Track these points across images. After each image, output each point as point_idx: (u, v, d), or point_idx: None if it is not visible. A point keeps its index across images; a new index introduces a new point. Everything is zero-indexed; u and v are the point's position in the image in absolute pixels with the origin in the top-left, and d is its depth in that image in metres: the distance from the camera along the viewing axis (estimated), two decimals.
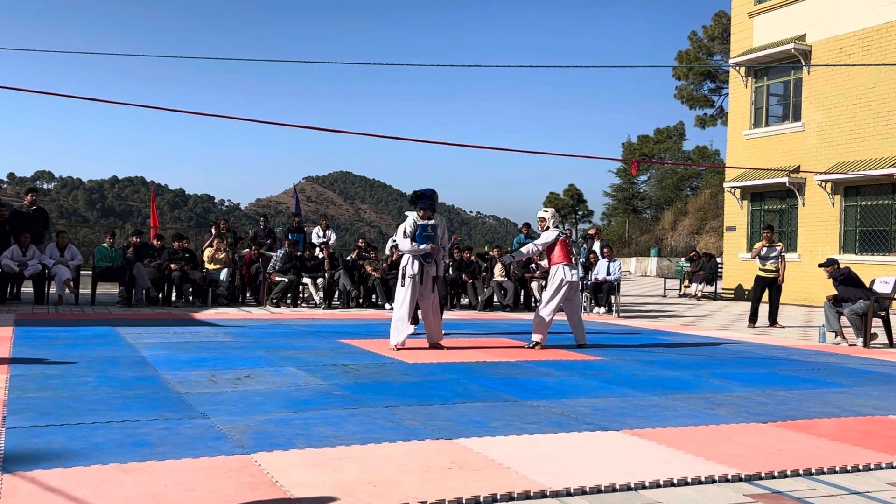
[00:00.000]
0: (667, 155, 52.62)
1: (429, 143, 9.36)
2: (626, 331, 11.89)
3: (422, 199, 8.69)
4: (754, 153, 21.48)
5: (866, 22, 18.90)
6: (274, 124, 8.10)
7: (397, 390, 6.05)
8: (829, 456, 4.38)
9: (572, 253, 9.22)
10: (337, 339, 9.36)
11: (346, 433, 4.55)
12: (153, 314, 12.20)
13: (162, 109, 8.80)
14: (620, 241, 47.68)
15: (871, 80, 18.72)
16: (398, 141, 13.38)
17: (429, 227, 8.66)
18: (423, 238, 8.60)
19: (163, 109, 8.87)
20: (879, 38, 18.62)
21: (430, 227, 8.68)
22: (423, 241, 8.59)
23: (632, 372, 7.44)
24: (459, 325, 10.91)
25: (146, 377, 6.33)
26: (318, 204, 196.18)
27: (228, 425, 4.65)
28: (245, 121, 9.45)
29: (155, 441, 4.24)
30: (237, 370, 6.80)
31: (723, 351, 9.52)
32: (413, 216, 8.68)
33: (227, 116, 9.16)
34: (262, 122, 10.59)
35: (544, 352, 8.75)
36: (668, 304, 19.31)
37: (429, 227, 8.66)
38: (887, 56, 18.23)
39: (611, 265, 15.49)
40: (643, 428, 4.94)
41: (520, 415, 5.24)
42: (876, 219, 18.93)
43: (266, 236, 16.59)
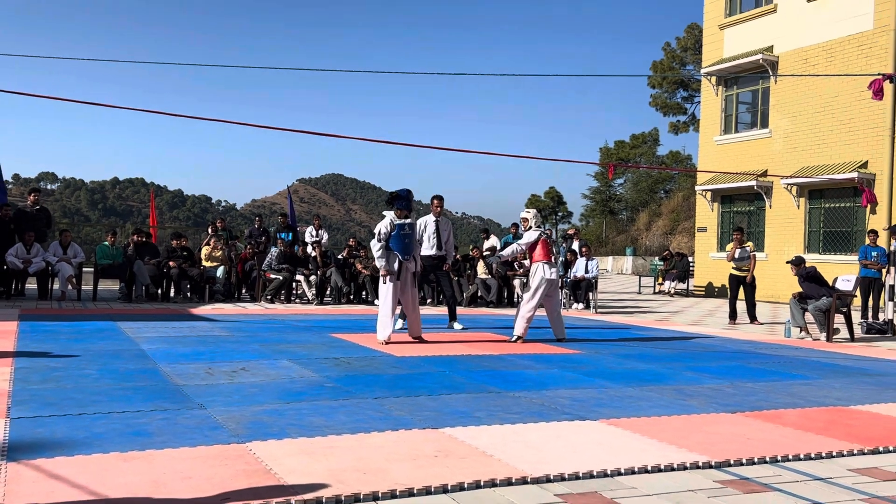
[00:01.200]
0: (642, 159, 52.82)
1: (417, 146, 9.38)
2: (604, 326, 11.93)
3: (398, 199, 8.71)
4: (724, 158, 21.59)
5: (830, 35, 19.04)
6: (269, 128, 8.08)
7: (386, 382, 6.04)
8: (794, 444, 4.41)
9: (552, 252, 9.24)
10: (329, 334, 9.34)
11: (337, 423, 4.54)
12: (152, 309, 12.13)
13: (161, 114, 8.75)
14: (598, 241, 47.82)
15: (834, 89, 18.86)
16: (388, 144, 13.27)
17: (405, 226, 8.67)
18: (401, 237, 8.60)
19: (162, 114, 8.82)
20: (842, 49, 18.76)
21: (407, 226, 8.69)
22: (400, 240, 8.57)
23: (608, 365, 7.46)
24: (445, 321, 10.90)
25: (146, 370, 6.29)
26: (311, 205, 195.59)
27: (225, 415, 4.63)
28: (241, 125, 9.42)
29: (154, 431, 4.22)
30: (233, 363, 6.77)
31: (694, 345, 9.56)
32: (390, 216, 8.68)
33: (225, 121, 9.12)
34: (258, 126, 10.56)
35: (526, 346, 8.77)
36: (643, 300, 19.38)
37: (405, 227, 8.66)
38: (849, 67, 18.38)
39: (589, 263, 15.54)
40: (619, 418, 4.96)
41: (503, 405, 5.24)
42: (838, 220, 19.08)
43: (260, 235, 16.54)
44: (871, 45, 18.12)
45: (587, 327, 11.52)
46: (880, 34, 17.92)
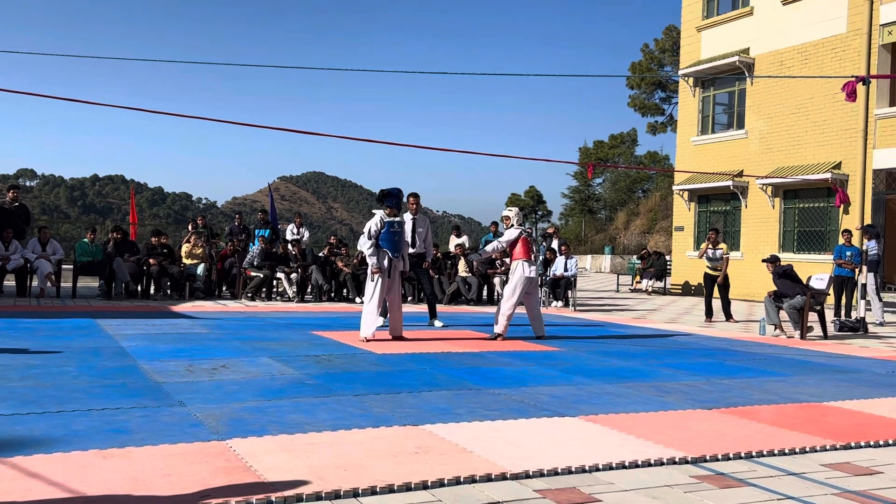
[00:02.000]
0: (620, 159, 53.09)
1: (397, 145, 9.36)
2: (582, 323, 11.98)
3: (388, 197, 8.73)
4: (701, 158, 21.76)
5: (805, 37, 19.24)
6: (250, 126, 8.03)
7: (367, 379, 6.03)
8: (768, 440, 4.45)
9: (532, 250, 9.27)
10: (309, 331, 9.31)
11: (317, 420, 4.53)
12: (132, 307, 12.02)
13: (141, 111, 8.66)
14: (577, 240, 48.01)
15: (808, 91, 19.06)
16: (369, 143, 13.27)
17: (395, 224, 8.68)
18: (391, 234, 8.61)
19: (142, 111, 8.74)
20: (817, 52, 18.96)
21: (397, 223, 8.71)
22: (390, 238, 8.60)
23: (587, 362, 7.50)
24: (425, 318, 10.90)
25: (125, 367, 6.23)
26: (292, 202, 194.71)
27: (205, 413, 4.61)
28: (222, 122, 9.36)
29: (134, 428, 4.18)
30: (213, 360, 6.73)
31: (671, 342, 9.63)
32: (380, 214, 8.69)
33: (205, 118, 9.05)
34: (239, 123, 10.47)
35: (505, 343, 8.78)
36: (621, 298, 19.49)
37: (395, 225, 8.68)
38: (824, 69, 18.58)
39: (568, 262, 15.60)
40: (597, 414, 4.98)
41: (482, 402, 5.25)
42: (812, 220, 19.29)
43: (241, 233, 16.44)
44: (844, 48, 18.33)
45: (566, 325, 11.56)
46: (853, 37, 18.14)
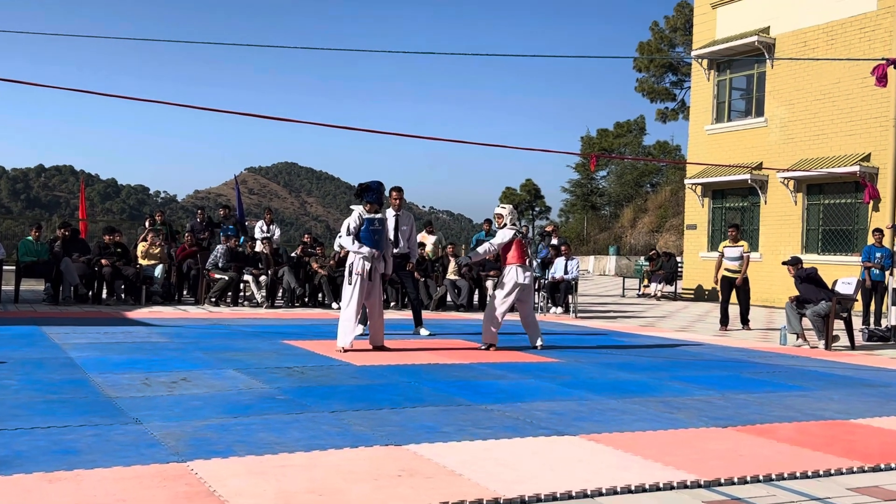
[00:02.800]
0: (626, 150, 53.26)
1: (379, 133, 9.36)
2: (584, 332, 12.01)
3: (368, 192, 8.69)
4: (716, 149, 21.86)
5: (831, 15, 19.35)
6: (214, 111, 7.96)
7: (344, 394, 6.03)
8: (789, 461, 4.47)
9: (527, 254, 9.27)
10: (280, 341, 9.29)
11: (289, 440, 4.52)
12: (82, 313, 11.96)
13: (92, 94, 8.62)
14: (578, 239, 48.12)
15: (835, 75, 19.18)
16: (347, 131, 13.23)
17: (375, 220, 8.66)
18: (371, 232, 8.58)
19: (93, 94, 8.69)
20: (844, 31, 19.08)
21: (378, 220, 8.68)
22: (370, 236, 8.58)
23: (589, 375, 7.51)
24: (410, 326, 10.91)
25: (74, 380, 6.20)
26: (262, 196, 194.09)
27: (163, 431, 4.59)
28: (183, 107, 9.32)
29: (83, 448, 4.16)
30: (173, 373, 6.71)
31: (682, 353, 9.66)
32: (359, 210, 8.67)
33: (164, 102, 9.04)
34: (202, 108, 10.45)
35: (499, 354, 8.79)
36: (627, 304, 19.54)
37: (375, 222, 8.65)
38: (851, 51, 18.69)
39: (568, 264, 15.64)
40: (600, 432, 4.99)
41: (473, 419, 5.26)
42: (838, 218, 19.42)
43: (203, 230, 16.39)
44: (874, 27, 18.46)
45: (566, 333, 11.58)
46: (884, 16, 18.27)
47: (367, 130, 10.70)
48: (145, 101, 8.26)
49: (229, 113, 8.35)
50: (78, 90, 8.72)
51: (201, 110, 12.68)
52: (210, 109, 9.43)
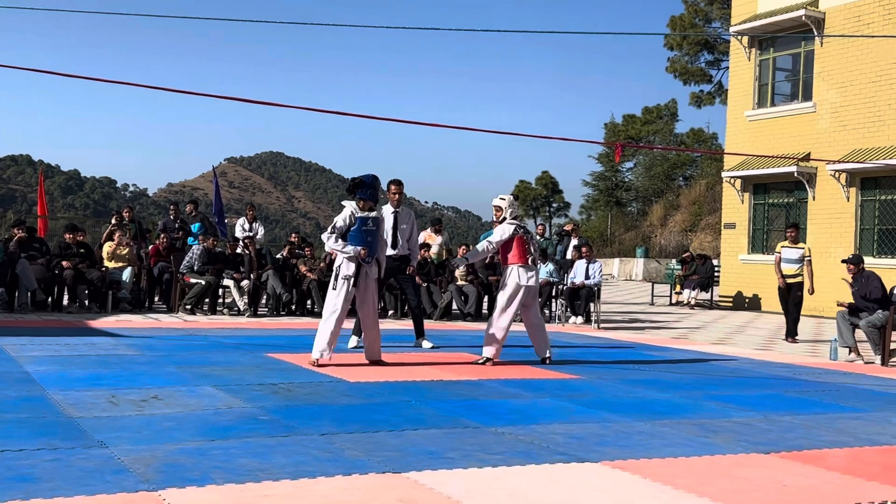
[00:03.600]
0: (656, 138, 53.18)
1: (376, 119, 9.35)
2: (607, 344, 12.00)
3: (361, 187, 8.61)
4: (758, 138, 21.83)
5: None
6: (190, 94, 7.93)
7: (336, 414, 6.03)
8: (840, 492, 4.46)
9: (530, 252, 9.16)
10: (264, 353, 9.29)
11: (274, 466, 4.52)
12: (40, 321, 11.98)
13: (51, 74, 8.63)
14: (601, 239, 48.08)
15: (893, 53, 19.13)
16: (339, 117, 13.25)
17: (370, 219, 8.56)
18: (364, 233, 8.50)
19: (52, 74, 8.71)
20: None
21: (371, 220, 8.58)
22: (362, 237, 8.49)
23: (613, 393, 7.51)
24: (410, 338, 10.91)
25: (31, 398, 6.21)
26: (243, 190, 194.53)
27: (131, 456, 4.60)
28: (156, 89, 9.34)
29: (41, 475, 4.17)
30: (143, 390, 6.72)
31: (719, 369, 9.65)
32: (351, 207, 8.59)
33: (134, 84, 9.04)
34: (176, 90, 10.45)
35: (510, 369, 8.79)
36: (657, 313, 19.52)
37: (370, 221, 8.56)
38: None
39: (590, 267, 15.63)
40: (626, 459, 4.99)
41: (481, 443, 5.26)
42: None
43: (178, 228, 16.42)
44: None
45: (587, 346, 11.58)
46: None
47: (361, 116, 10.71)
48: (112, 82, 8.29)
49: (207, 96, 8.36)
50: (34, 70, 8.75)
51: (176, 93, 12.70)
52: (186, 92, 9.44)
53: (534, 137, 27.21)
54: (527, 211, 64.31)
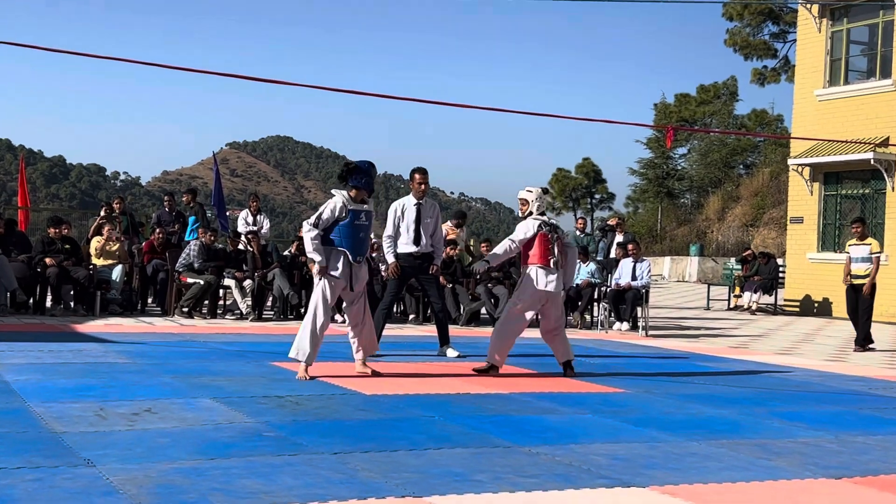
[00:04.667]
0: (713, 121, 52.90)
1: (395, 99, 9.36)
2: (656, 354, 11.96)
3: (356, 174, 8.35)
4: (829, 120, 21.64)
5: None
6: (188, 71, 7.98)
7: (350, 431, 6.05)
8: None
9: (552, 252, 9.01)
10: (269, 362, 9.33)
11: (280, 488, 4.54)
12: (21, 325, 12.09)
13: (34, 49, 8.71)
14: (650, 235, 47.93)
15: None
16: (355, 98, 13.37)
17: (362, 213, 8.35)
18: (355, 228, 8.28)
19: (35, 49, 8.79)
20: None
21: (365, 213, 8.38)
22: (353, 233, 8.27)
23: (663, 409, 7.49)
24: (433, 346, 10.91)
25: (10, 410, 6.27)
26: (247, 179, 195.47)
27: (122, 476, 4.63)
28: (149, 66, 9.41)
29: (21, 496, 4.21)
30: (134, 402, 6.76)
31: (784, 382, 9.59)
32: (342, 197, 8.30)
33: (125, 60, 9.12)
34: (172, 67, 10.52)
35: (545, 381, 8.78)
36: (713, 319, 19.42)
37: (362, 215, 8.34)
38: None
39: (637, 267, 15.57)
40: (677, 483, 4.98)
41: (513, 465, 5.26)
42: None
43: (173, 221, 16.49)
44: None
45: (633, 356, 11.54)
46: None
47: (379, 96, 10.75)
48: (101, 58, 8.34)
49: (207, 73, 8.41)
50: (13, 44, 8.82)
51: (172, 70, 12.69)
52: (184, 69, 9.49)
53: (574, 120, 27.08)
54: (565, 203, 64.25)
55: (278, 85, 9.82)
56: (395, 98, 9.58)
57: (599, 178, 63.55)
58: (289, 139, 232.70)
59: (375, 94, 10.42)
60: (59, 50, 9.31)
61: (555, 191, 64.28)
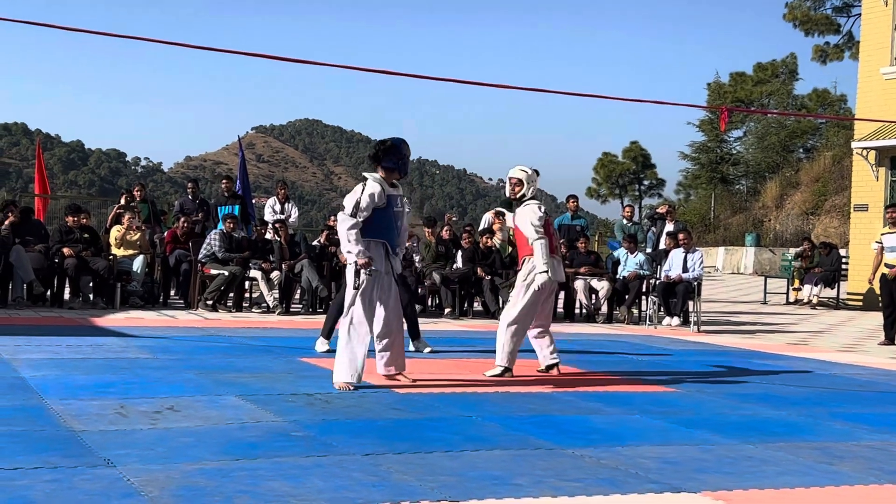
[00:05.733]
0: (771, 102, 52.43)
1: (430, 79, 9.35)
2: (709, 350, 11.90)
3: (390, 154, 7.80)
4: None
5: None
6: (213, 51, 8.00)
7: (382, 431, 6.06)
8: None
9: (556, 240, 8.89)
10: (297, 358, 9.37)
11: (309, 490, 4.56)
12: (38, 319, 12.21)
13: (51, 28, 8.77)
14: (703, 224, 47.63)
15: None
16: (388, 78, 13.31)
17: (398, 198, 7.90)
18: (394, 216, 7.79)
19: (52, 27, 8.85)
20: None
21: (400, 199, 7.93)
22: (391, 221, 7.78)
23: (716, 410, 7.45)
24: (472, 341, 10.92)
25: (27, 408, 6.33)
26: (273, 165, 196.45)
27: (143, 477, 4.66)
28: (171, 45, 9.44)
29: (39, 498, 4.24)
30: (156, 399, 6.81)
31: (847, 382, 9.52)
32: (377, 181, 7.76)
33: (146, 39, 9.16)
34: (196, 47, 10.57)
35: (591, 380, 8.76)
36: (770, 313, 19.29)
37: (398, 200, 7.89)
38: None
39: (688, 258, 15.49)
40: (731, 489, 4.95)
41: (556, 468, 5.25)
42: None
43: (196, 209, 16.54)
44: None
45: (685, 352, 11.49)
46: None
47: (412, 76, 10.75)
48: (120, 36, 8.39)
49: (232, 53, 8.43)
50: (31, 22, 8.87)
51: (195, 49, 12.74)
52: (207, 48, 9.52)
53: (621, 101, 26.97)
54: (611, 190, 64.03)
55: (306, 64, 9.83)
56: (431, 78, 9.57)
57: (648, 164, 63.20)
58: (318, 122, 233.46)
59: (410, 75, 10.44)
60: (77, 29, 9.38)
61: (600, 177, 64.08)
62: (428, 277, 15.35)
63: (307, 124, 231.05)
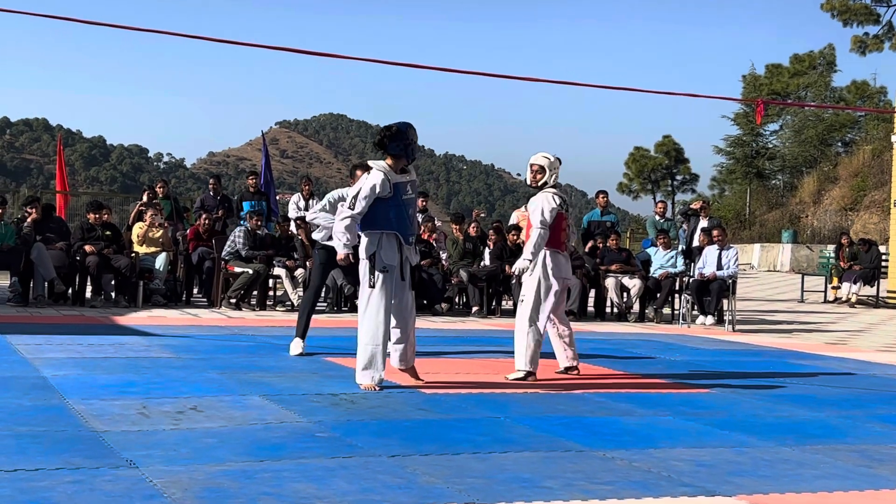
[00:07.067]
0: (808, 94, 52.14)
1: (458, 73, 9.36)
2: (744, 350, 11.85)
3: (396, 139, 7.65)
4: None
5: None
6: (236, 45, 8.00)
7: (409, 432, 6.07)
8: None
9: (568, 235, 8.77)
10: (322, 357, 9.40)
11: (334, 493, 4.57)
12: (59, 317, 12.28)
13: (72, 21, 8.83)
14: (738, 220, 47.46)
15: None
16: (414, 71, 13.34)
17: (407, 185, 7.73)
18: (403, 205, 7.66)
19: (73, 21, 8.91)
20: None
21: (410, 185, 7.77)
22: (401, 211, 7.66)
23: (751, 411, 7.42)
24: (499, 341, 10.91)
25: (49, 408, 6.37)
26: (298, 161, 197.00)
27: (166, 478, 4.69)
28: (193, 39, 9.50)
29: (61, 499, 4.27)
30: (179, 400, 6.84)
31: (887, 383, 9.47)
32: (382, 169, 7.64)
33: (168, 32, 9.21)
34: (219, 40, 10.62)
35: (622, 380, 8.74)
36: (808, 312, 19.18)
37: (408, 186, 7.73)
38: None
39: (723, 255, 15.43)
40: (767, 493, 4.93)
41: (586, 470, 5.24)
42: None
43: (218, 206, 16.59)
44: None
45: (720, 352, 11.45)
46: None
47: (438, 69, 10.75)
48: (142, 30, 8.45)
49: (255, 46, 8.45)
50: (51, 16, 8.91)
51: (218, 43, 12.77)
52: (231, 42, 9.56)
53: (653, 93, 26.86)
54: (643, 185, 63.86)
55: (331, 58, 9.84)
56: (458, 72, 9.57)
57: (681, 158, 62.98)
58: (342, 117, 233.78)
59: (437, 68, 10.45)
60: (98, 22, 9.43)
61: (632, 171, 63.93)
62: (455, 275, 15.36)
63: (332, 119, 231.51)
